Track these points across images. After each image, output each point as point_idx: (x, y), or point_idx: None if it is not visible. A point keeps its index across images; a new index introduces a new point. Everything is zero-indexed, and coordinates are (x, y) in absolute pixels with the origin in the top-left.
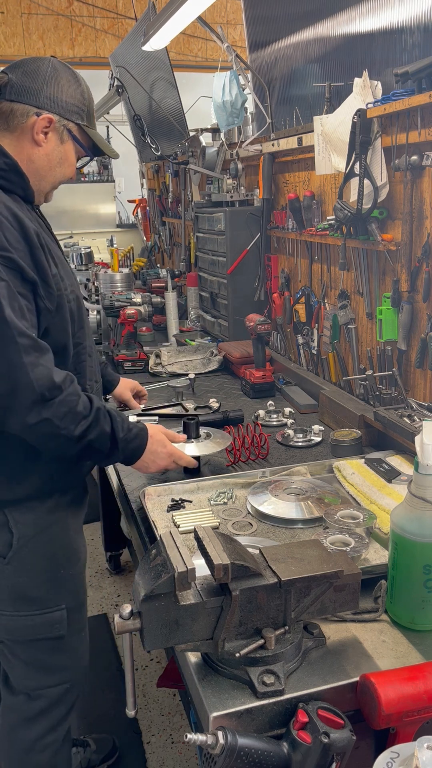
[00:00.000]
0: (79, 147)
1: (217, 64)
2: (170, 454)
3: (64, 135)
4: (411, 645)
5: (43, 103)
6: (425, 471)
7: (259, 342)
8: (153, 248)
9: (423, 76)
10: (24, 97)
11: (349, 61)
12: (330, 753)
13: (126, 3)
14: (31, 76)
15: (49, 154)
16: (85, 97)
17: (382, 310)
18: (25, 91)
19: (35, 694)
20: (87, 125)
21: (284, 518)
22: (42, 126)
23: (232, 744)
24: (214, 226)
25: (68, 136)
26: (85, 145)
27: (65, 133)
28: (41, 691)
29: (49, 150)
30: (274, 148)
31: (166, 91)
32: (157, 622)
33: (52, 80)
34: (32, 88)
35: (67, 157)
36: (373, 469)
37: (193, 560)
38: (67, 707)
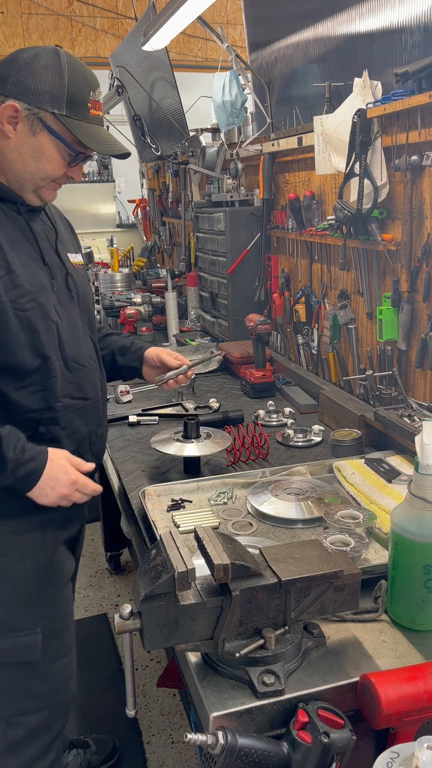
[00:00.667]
0: (60, 141)
1: (217, 64)
2: (73, 482)
3: (35, 126)
4: (411, 645)
5: (10, 90)
6: (425, 471)
7: (259, 342)
8: (153, 248)
9: (423, 76)
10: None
11: (349, 61)
12: (330, 753)
13: (126, 3)
14: (6, 63)
15: (19, 147)
16: (67, 82)
17: (382, 310)
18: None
19: (13, 720)
20: (68, 115)
21: (284, 518)
22: (7, 115)
23: (232, 744)
24: (214, 226)
25: (41, 127)
26: (65, 139)
27: (37, 123)
28: (18, 718)
29: (18, 143)
30: (274, 148)
31: (166, 91)
32: (157, 622)
33: (25, 66)
34: (2, 75)
35: (43, 151)
36: (373, 469)
37: (193, 560)
38: (51, 736)
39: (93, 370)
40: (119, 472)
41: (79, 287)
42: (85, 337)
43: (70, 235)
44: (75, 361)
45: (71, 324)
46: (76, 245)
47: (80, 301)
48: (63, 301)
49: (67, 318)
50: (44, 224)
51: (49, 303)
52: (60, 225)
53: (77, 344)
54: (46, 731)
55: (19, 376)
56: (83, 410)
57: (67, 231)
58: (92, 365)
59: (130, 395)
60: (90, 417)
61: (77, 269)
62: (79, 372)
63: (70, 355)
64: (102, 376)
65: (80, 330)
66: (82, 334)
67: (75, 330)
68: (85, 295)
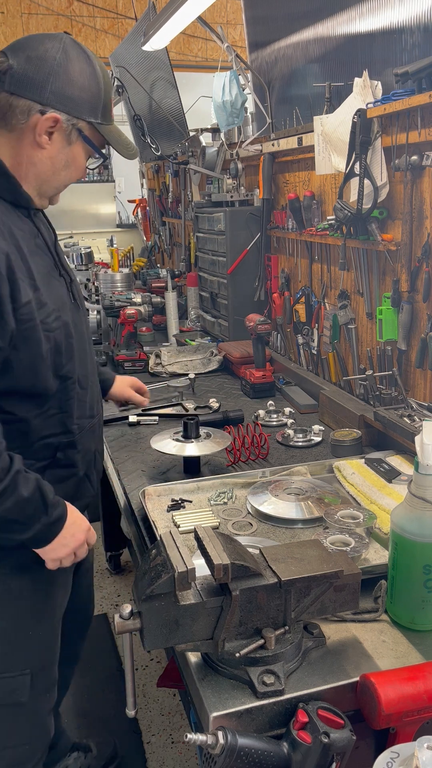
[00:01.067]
0: (91, 148)
1: (217, 64)
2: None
3: (72, 135)
4: (411, 645)
5: (49, 98)
6: (425, 471)
7: (259, 342)
8: (153, 248)
9: (423, 76)
10: (26, 90)
11: (349, 61)
12: (330, 753)
13: (126, 3)
14: (35, 63)
15: (53, 157)
16: (101, 87)
17: (382, 310)
18: (27, 83)
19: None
20: (101, 122)
21: (284, 518)
22: (46, 126)
23: (232, 744)
24: (214, 226)
25: (77, 136)
26: (97, 146)
27: (74, 133)
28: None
29: (53, 153)
30: (274, 148)
31: (166, 91)
32: (157, 622)
33: (60, 69)
34: (36, 80)
35: (75, 159)
36: (373, 469)
37: (193, 560)
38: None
39: (96, 385)
40: (119, 472)
41: (78, 294)
42: (90, 350)
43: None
44: (85, 377)
45: (80, 338)
46: None
47: (81, 308)
48: (73, 313)
49: (77, 332)
50: (45, 226)
51: (70, 318)
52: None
53: (86, 359)
54: (24, 763)
55: (41, 400)
56: (92, 429)
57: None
58: (95, 380)
59: None
60: (96, 434)
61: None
62: (89, 389)
63: (81, 372)
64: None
65: (86, 342)
66: (88, 346)
67: (83, 344)
68: (83, 302)
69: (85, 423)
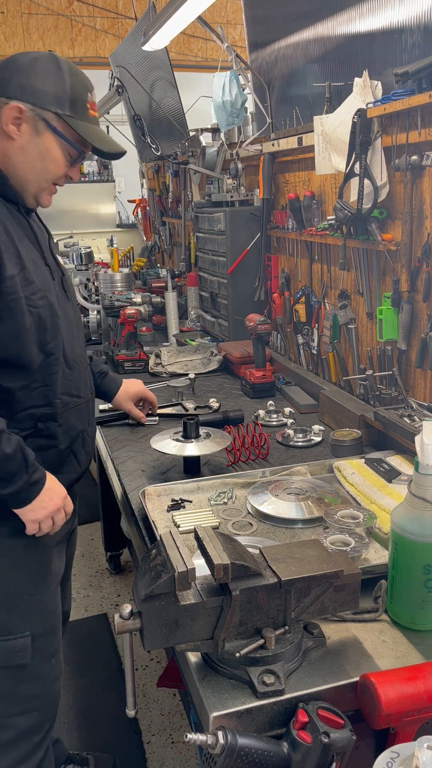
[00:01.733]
0: (63, 141)
1: (217, 64)
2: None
3: (39, 126)
4: (411, 645)
5: (13, 91)
6: (425, 471)
7: (259, 342)
8: (153, 248)
9: (423, 76)
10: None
11: (349, 60)
12: (330, 753)
13: (126, 3)
14: (6, 66)
15: (24, 147)
16: (68, 84)
17: (382, 310)
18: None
19: (3, 722)
20: (71, 115)
21: (284, 518)
22: (11, 116)
23: (232, 744)
24: (214, 226)
25: (45, 126)
26: (69, 138)
27: (41, 123)
28: (8, 719)
29: (23, 143)
30: (274, 148)
31: (166, 91)
32: (157, 622)
33: (26, 68)
34: (3, 78)
35: (48, 151)
36: (373, 469)
37: (193, 560)
38: (41, 735)
39: (85, 369)
40: (119, 472)
41: (69, 288)
42: (79, 337)
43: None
44: (73, 359)
45: (69, 322)
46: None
47: (71, 301)
48: (61, 300)
49: (65, 316)
50: (38, 225)
51: (55, 300)
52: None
53: (74, 342)
54: (36, 731)
55: (25, 373)
56: (78, 408)
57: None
58: (84, 364)
59: None
60: (83, 415)
61: (66, 271)
62: (76, 370)
63: (69, 352)
64: (91, 377)
65: (75, 329)
66: (77, 332)
67: (71, 328)
68: (74, 296)
69: (70, 401)
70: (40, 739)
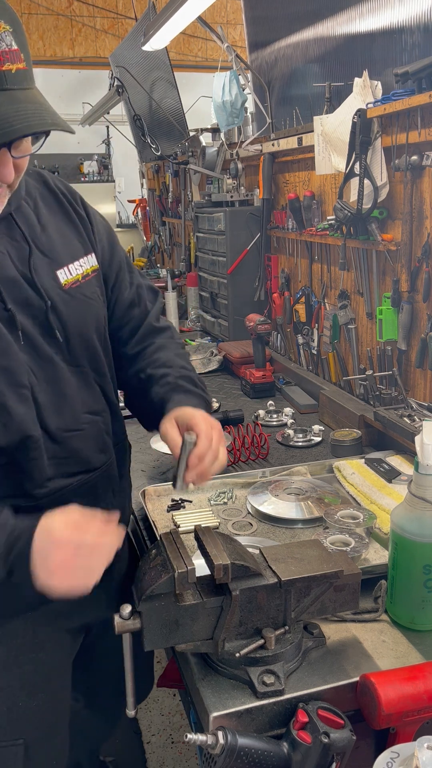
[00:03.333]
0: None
1: (217, 64)
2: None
3: None
4: (411, 645)
5: None
6: (425, 471)
7: (259, 342)
8: (153, 248)
9: (423, 76)
10: None
11: (349, 61)
12: (330, 753)
13: (126, 3)
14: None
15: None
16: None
17: (382, 310)
18: None
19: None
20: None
21: (284, 518)
22: None
23: (232, 744)
24: (214, 226)
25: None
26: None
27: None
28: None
29: None
30: (274, 148)
31: (166, 91)
32: (158, 622)
33: None
34: None
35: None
36: (373, 469)
37: (193, 560)
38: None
39: (97, 429)
40: None
41: (70, 319)
42: (83, 387)
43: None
44: (64, 428)
45: (54, 379)
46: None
47: (70, 341)
48: (41, 350)
49: (47, 373)
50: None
51: (19, 363)
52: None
53: (64, 404)
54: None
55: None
56: (86, 486)
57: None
58: (96, 421)
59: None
60: (99, 490)
61: (72, 291)
62: (74, 440)
63: (53, 423)
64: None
65: (70, 383)
66: (77, 384)
67: (61, 385)
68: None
69: (68, 483)
70: None
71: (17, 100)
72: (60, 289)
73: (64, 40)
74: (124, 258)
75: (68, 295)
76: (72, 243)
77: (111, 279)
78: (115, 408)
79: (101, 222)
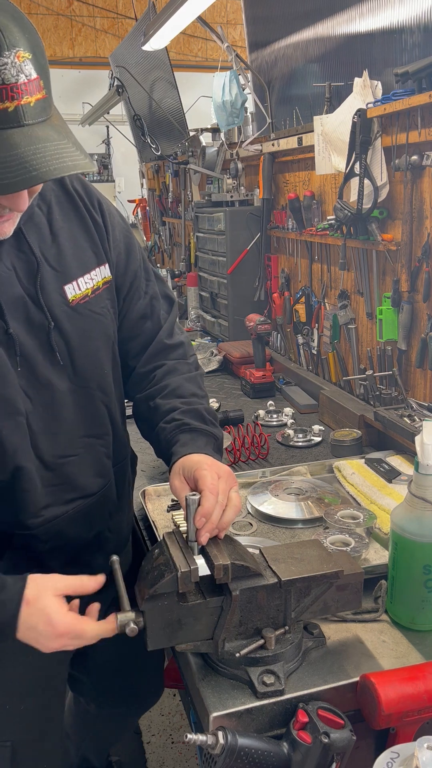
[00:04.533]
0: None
1: (217, 64)
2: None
3: None
4: (411, 645)
5: None
6: (425, 471)
7: (259, 342)
8: (153, 248)
9: (423, 76)
10: None
11: (349, 60)
12: (330, 753)
13: (126, 3)
14: None
15: None
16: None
17: (382, 310)
18: None
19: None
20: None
21: (284, 518)
22: None
23: (232, 744)
24: (214, 226)
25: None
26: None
27: None
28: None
29: None
30: (274, 148)
31: (166, 91)
32: (161, 622)
33: None
34: None
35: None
36: (373, 469)
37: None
38: None
39: (95, 453)
40: None
41: (74, 341)
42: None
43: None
44: (58, 454)
45: (50, 404)
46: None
47: (75, 361)
48: (39, 374)
49: (43, 398)
50: (16, 252)
51: (14, 391)
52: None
53: (59, 429)
54: None
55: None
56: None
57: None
58: (94, 445)
59: None
60: (96, 515)
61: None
62: (68, 466)
63: (47, 449)
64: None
65: (67, 406)
66: (76, 407)
67: (56, 409)
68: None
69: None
70: None
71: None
72: (66, 306)
73: (64, 40)
74: (140, 264)
75: (75, 312)
76: (85, 254)
77: (124, 289)
78: (119, 429)
79: (119, 225)
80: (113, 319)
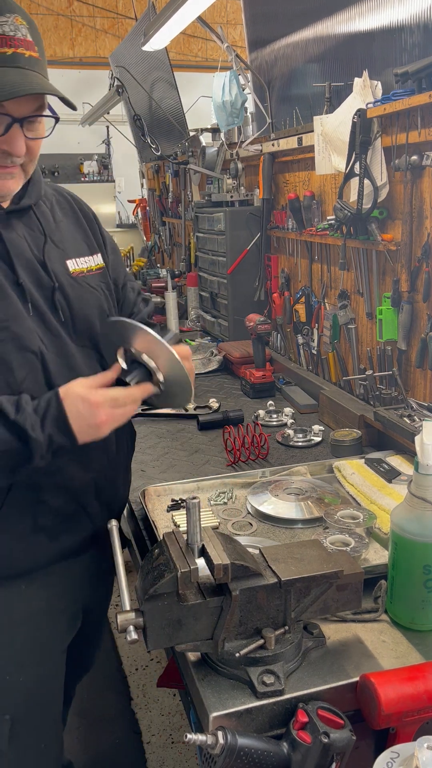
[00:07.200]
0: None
1: (217, 64)
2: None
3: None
4: (411, 645)
5: None
6: (425, 471)
7: (259, 342)
8: (153, 248)
9: (423, 76)
10: None
11: (349, 60)
12: (330, 753)
13: (126, 3)
14: None
15: None
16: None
17: (382, 310)
18: None
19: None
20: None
21: (284, 518)
22: None
23: (232, 744)
24: (214, 226)
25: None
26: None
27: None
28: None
29: None
30: (274, 148)
31: (166, 91)
32: (161, 622)
33: None
34: None
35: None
36: (373, 469)
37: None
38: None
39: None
40: None
41: (74, 303)
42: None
43: (80, 233)
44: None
45: (63, 352)
46: (92, 244)
47: (74, 320)
48: (50, 324)
49: (56, 346)
50: (27, 228)
51: (29, 330)
52: (65, 222)
53: (71, 375)
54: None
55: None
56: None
57: (77, 228)
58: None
59: None
60: (94, 460)
61: (78, 279)
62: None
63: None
64: None
65: (76, 357)
66: (82, 361)
67: (70, 357)
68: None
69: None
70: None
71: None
72: (68, 275)
73: (64, 40)
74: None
75: (75, 281)
76: (80, 243)
77: (120, 280)
78: None
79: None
80: (107, 297)
